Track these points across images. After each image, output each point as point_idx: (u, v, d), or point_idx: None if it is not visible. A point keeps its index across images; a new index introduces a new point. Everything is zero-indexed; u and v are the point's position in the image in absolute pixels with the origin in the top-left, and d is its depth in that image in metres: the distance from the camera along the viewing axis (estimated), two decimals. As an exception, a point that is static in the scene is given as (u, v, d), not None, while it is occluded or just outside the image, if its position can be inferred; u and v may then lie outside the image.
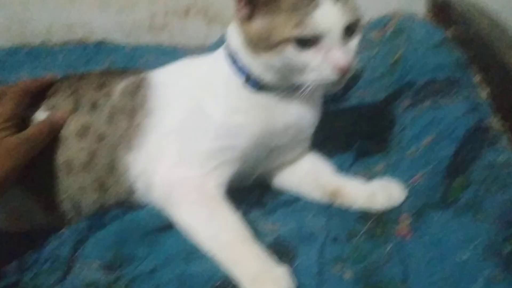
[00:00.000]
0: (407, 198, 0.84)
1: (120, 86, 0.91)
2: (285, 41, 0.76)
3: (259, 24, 0.78)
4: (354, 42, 0.79)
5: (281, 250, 0.78)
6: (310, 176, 0.93)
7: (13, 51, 2.04)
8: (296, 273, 0.72)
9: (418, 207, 0.80)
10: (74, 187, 0.88)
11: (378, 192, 0.85)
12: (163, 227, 0.85)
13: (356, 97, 1.33)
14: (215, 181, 0.85)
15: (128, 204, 0.91)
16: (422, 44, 1.32)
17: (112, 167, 0.88)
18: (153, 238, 0.85)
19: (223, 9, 1.95)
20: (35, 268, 0.80)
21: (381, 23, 1.65)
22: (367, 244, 0.78)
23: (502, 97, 0.97)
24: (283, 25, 0.76)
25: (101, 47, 1.98)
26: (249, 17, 0.80)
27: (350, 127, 1.18)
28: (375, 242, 0.78)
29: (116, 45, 2.00)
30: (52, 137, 0.87)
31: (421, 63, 1.21)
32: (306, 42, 0.76)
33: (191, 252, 0.78)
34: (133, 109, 0.89)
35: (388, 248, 0.76)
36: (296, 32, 0.75)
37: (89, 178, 0.88)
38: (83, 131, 0.88)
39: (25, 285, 0.77)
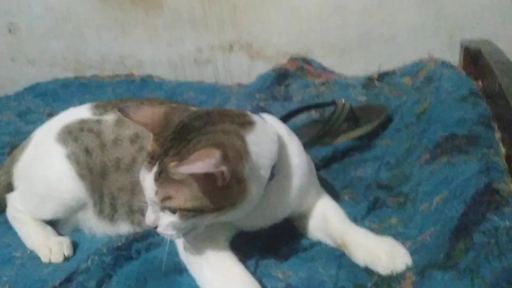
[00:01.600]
0: (413, 255, 0.86)
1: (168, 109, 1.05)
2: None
3: None
4: (167, 219, 0.79)
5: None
6: (323, 223, 0.97)
7: (67, 84, 2.20)
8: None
9: (422, 265, 0.82)
10: (116, 185, 1.05)
11: (382, 257, 0.86)
12: (181, 269, 0.93)
13: (382, 145, 1.36)
14: (218, 240, 0.91)
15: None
16: (449, 95, 1.34)
17: None
18: (172, 277, 0.92)
19: (266, 45, 2.09)
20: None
21: (414, 69, 1.68)
22: (372, 299, 0.81)
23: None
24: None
25: (147, 81, 2.14)
26: None
27: (370, 177, 1.21)
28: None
29: (161, 81, 2.13)
30: None
31: (445, 116, 1.24)
32: None
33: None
34: None
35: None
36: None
37: (127, 179, 1.03)
38: (134, 139, 1.05)
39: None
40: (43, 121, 1.86)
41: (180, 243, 0.95)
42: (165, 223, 0.81)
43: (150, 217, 0.82)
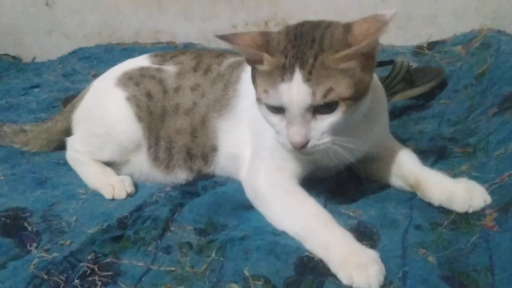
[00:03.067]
0: (493, 195, 0.84)
1: (230, 60, 1.09)
2: (259, 100, 0.82)
3: (255, 79, 0.84)
4: (326, 121, 0.78)
5: (363, 234, 0.82)
6: (396, 166, 0.95)
7: (109, 49, 2.22)
8: (380, 255, 0.75)
9: (503, 203, 0.80)
10: (174, 127, 1.06)
11: (459, 194, 0.85)
12: (249, 205, 0.93)
13: (439, 105, 1.35)
14: (288, 174, 0.91)
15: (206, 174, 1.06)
16: (510, 56, 1.32)
17: (204, 122, 1.04)
18: (241, 212, 0.92)
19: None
20: (136, 225, 0.88)
21: (466, 38, 1.67)
22: (450, 234, 0.80)
23: None
24: (259, 86, 0.81)
25: (189, 46, 2.11)
26: (252, 74, 0.85)
27: (432, 132, 1.19)
28: (459, 233, 0.80)
29: (203, 47, 2.12)
30: None
31: (509, 74, 1.22)
32: (274, 107, 0.80)
33: (277, 228, 0.85)
34: (228, 83, 1.05)
35: (473, 239, 0.76)
36: (263, 98, 0.80)
37: (186, 122, 1.05)
38: (195, 87, 1.07)
39: (128, 238, 0.86)
40: (89, 81, 1.91)
41: (246, 180, 0.95)
42: (321, 129, 0.79)
43: (301, 132, 0.79)
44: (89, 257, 0.81)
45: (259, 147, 0.96)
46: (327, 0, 2.00)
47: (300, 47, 0.79)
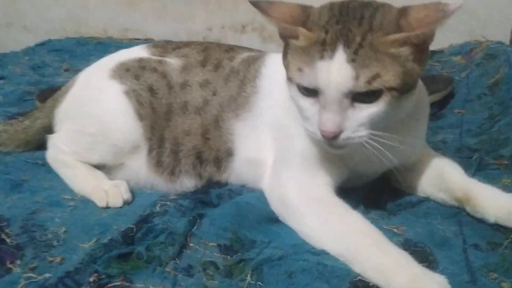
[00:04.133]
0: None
1: (244, 55, 0.97)
2: (290, 80, 0.72)
3: (287, 56, 0.74)
4: (366, 111, 0.68)
5: (415, 254, 0.70)
6: (437, 177, 0.86)
7: (82, 42, 2.05)
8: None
9: None
10: (182, 127, 0.93)
11: None
12: (276, 218, 0.81)
13: (454, 114, 1.29)
14: (322, 182, 0.80)
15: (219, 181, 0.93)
16: None
17: (218, 122, 0.92)
18: (267, 226, 0.79)
19: None
20: (147, 239, 0.74)
21: (466, 48, 1.65)
22: (516, 256, 0.70)
23: None
24: (291, 63, 0.71)
25: (171, 42, 1.97)
26: (284, 50, 0.76)
27: (455, 142, 1.12)
28: (525, 254, 0.70)
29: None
30: None
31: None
32: (307, 89, 0.70)
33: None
34: (245, 79, 0.93)
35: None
36: (296, 77, 0.70)
37: (197, 122, 0.93)
38: (205, 84, 0.95)
39: (140, 256, 0.70)
40: (61, 75, 1.75)
41: (271, 190, 0.83)
42: (359, 119, 0.68)
43: (335, 120, 0.68)
44: (91, 279, 0.66)
45: (286, 151, 0.84)
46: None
47: (346, 23, 0.68)
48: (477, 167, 0.94)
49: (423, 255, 0.71)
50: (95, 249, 0.71)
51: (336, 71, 0.66)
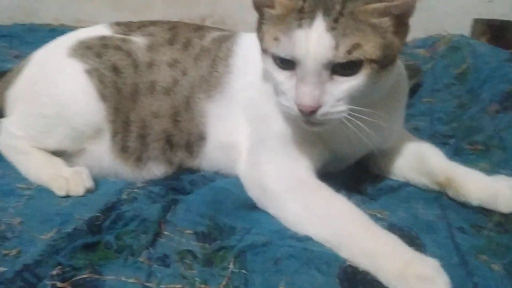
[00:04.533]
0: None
1: (214, 34, 0.93)
2: (265, 51, 0.69)
3: (261, 27, 0.71)
4: (345, 85, 0.65)
5: (402, 239, 0.67)
6: (418, 161, 0.84)
7: (33, 29, 1.94)
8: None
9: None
10: (150, 109, 0.87)
11: (502, 192, 0.74)
12: (254, 204, 0.76)
13: (423, 103, 1.28)
14: (303, 165, 0.76)
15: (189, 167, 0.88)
16: (491, 58, 1.31)
17: (189, 103, 0.86)
18: (246, 212, 0.74)
19: (241, 23, 1.86)
20: (116, 227, 0.67)
21: (428, 42, 1.67)
22: (502, 238, 0.69)
23: None
24: (267, 33, 0.68)
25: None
26: (258, 21, 0.72)
27: (428, 129, 1.11)
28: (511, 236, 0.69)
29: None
30: None
31: (500, 73, 1.19)
32: (284, 61, 0.66)
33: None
34: (216, 58, 0.88)
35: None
36: (272, 47, 0.67)
37: (166, 103, 0.86)
38: (173, 63, 0.89)
39: (108, 245, 0.64)
40: (11, 62, 1.62)
41: (248, 175, 0.78)
42: (338, 93, 0.64)
43: (313, 94, 0.63)
44: (54, 272, 0.59)
45: (262, 133, 0.80)
46: None
47: None
48: (454, 152, 0.93)
49: (410, 239, 0.68)
50: (57, 239, 0.64)
51: (315, 40, 0.62)
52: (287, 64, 0.66)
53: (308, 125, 0.68)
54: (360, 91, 0.65)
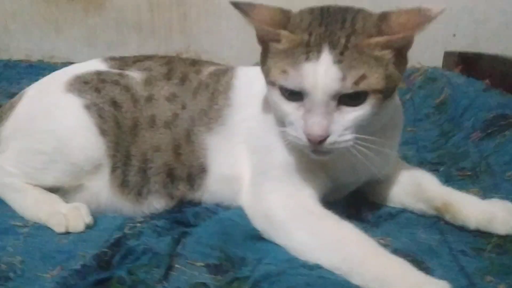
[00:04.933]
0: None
1: (210, 68, 0.94)
2: (273, 84, 0.71)
3: (266, 61, 0.73)
4: (352, 114, 0.67)
5: (409, 263, 0.69)
6: (414, 188, 0.86)
7: (10, 65, 1.91)
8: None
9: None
10: (150, 142, 0.87)
11: (498, 215, 0.77)
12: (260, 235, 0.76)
13: (406, 132, 1.31)
14: (307, 194, 0.78)
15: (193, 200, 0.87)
16: (468, 88, 1.37)
17: (189, 136, 0.87)
18: (253, 243, 0.74)
19: (216, 57, 1.79)
20: (126, 262, 0.66)
21: (405, 74, 1.70)
22: (503, 259, 0.71)
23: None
24: (274, 67, 0.70)
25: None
26: (263, 55, 0.75)
27: (415, 157, 1.15)
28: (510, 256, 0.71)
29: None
30: None
31: (479, 102, 1.24)
32: (292, 93, 0.69)
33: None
34: (216, 91, 0.89)
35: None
36: (280, 79, 0.69)
37: (167, 137, 0.87)
38: (172, 98, 0.90)
39: (121, 281, 0.62)
40: None
41: (251, 207, 0.79)
42: (345, 123, 0.67)
43: (322, 124, 0.65)
44: (66, 312, 0.57)
45: (265, 164, 0.81)
46: (243, 36, 1.90)
47: (328, 26, 0.68)
48: (445, 178, 0.96)
49: (416, 264, 0.69)
50: (65, 277, 0.62)
51: (323, 72, 0.65)
52: (295, 95, 0.68)
53: (315, 154, 0.70)
54: (366, 120, 0.68)
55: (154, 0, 1.95)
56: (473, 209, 0.79)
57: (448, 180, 0.98)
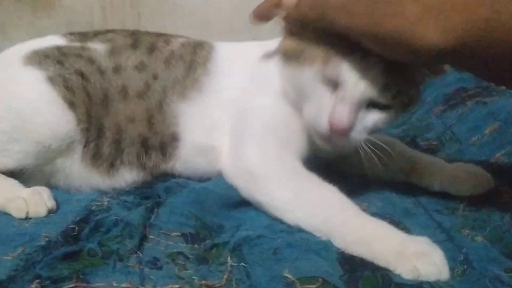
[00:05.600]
0: (497, 173, 0.80)
1: (180, 40, 0.92)
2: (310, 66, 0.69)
3: (294, 41, 0.72)
4: (376, 116, 0.69)
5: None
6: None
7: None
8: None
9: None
10: (124, 113, 0.84)
11: (462, 176, 0.79)
12: (237, 204, 0.73)
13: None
14: (291, 153, 0.76)
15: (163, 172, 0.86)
16: None
17: (161, 106, 0.85)
18: (231, 213, 0.72)
19: None
20: (97, 235, 0.62)
21: None
22: (477, 215, 0.72)
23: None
24: (316, 53, 0.68)
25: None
26: (293, 33, 0.73)
27: (382, 133, 1.16)
28: (484, 213, 0.72)
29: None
30: None
31: (438, 79, 1.26)
32: (330, 79, 0.69)
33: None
34: (193, 62, 0.87)
35: (506, 216, 0.70)
36: (320, 66, 0.68)
37: (140, 107, 0.84)
38: (141, 67, 0.86)
39: (92, 253, 0.58)
40: None
41: (232, 166, 0.77)
42: (366, 123, 0.68)
43: (349, 118, 0.66)
44: (32, 286, 0.52)
45: (249, 124, 0.79)
46: (199, 36, 1.86)
47: None
48: (413, 147, 0.97)
49: (394, 224, 0.68)
50: (30, 253, 0.58)
51: (373, 76, 0.65)
52: (330, 82, 0.67)
53: (323, 140, 0.70)
54: (385, 124, 0.70)
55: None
56: (437, 171, 0.81)
57: (415, 149, 1.00)
